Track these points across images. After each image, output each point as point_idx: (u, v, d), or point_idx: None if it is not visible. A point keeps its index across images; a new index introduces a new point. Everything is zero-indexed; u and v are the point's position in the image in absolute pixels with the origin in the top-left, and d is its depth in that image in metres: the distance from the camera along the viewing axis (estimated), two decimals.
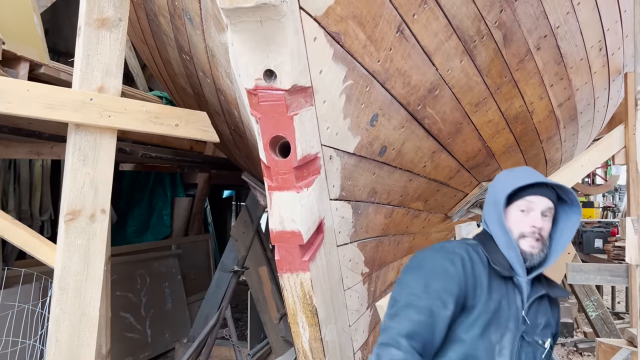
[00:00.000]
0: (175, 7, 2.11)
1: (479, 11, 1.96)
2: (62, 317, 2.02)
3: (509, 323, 1.67)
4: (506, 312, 1.68)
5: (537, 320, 1.73)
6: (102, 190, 2.12)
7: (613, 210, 12.42)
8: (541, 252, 1.71)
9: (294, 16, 1.44)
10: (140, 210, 7.03)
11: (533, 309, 1.73)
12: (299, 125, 1.62)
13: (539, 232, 1.69)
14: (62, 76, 3.49)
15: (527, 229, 1.70)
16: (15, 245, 2.06)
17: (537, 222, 1.69)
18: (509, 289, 1.71)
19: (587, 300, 5.03)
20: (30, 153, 3.73)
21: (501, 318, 1.67)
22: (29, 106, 1.91)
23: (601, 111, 3.73)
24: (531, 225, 1.69)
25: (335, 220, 1.98)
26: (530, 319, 1.71)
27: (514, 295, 1.71)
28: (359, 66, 1.73)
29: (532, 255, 1.70)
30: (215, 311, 5.15)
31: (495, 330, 1.66)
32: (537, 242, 1.69)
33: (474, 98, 2.32)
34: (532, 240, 1.69)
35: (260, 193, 3.56)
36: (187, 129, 2.30)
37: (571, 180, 3.12)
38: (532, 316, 1.72)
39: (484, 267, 1.71)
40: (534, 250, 1.70)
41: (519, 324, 1.68)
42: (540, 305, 1.76)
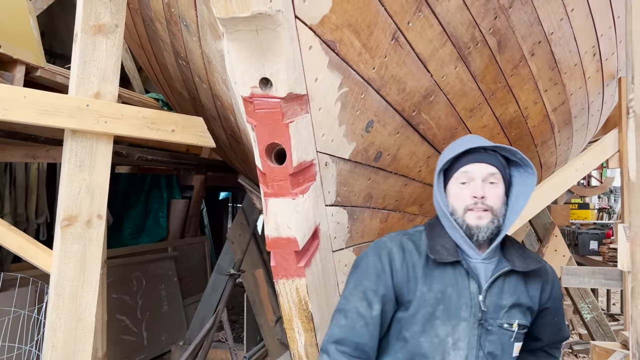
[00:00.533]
0: (172, 14, 2.12)
1: (473, 18, 1.97)
2: (58, 323, 2.02)
3: (460, 312, 1.54)
4: (456, 301, 1.54)
5: (500, 302, 1.56)
6: (98, 196, 2.13)
7: (608, 212, 12.47)
8: (491, 223, 1.55)
9: (289, 25, 1.45)
10: (136, 212, 7.01)
11: (495, 290, 1.57)
12: (295, 132, 1.63)
13: (483, 201, 1.55)
14: (58, 79, 3.49)
15: (470, 201, 1.56)
16: (11, 251, 2.06)
17: (477, 192, 1.55)
18: (458, 275, 1.57)
19: (582, 302, 5.06)
20: (26, 156, 3.73)
21: (450, 309, 1.54)
22: (26, 112, 1.91)
23: (595, 115, 3.76)
24: (472, 196, 1.55)
25: (331, 226, 1.99)
26: (491, 303, 1.55)
27: (465, 280, 1.56)
28: (354, 73, 1.75)
29: (480, 228, 1.55)
30: (211, 314, 5.15)
31: (443, 323, 1.53)
32: (484, 213, 1.55)
33: (469, 103, 2.33)
34: (477, 212, 1.55)
35: (257, 196, 3.57)
36: (183, 134, 2.31)
37: (566, 184, 3.15)
38: (493, 299, 1.56)
39: (419, 257, 1.60)
40: (482, 222, 1.55)
41: (475, 311, 1.54)
42: (507, 284, 1.58)
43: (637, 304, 2.20)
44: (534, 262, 1.62)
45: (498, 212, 1.57)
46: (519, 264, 1.58)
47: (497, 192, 1.58)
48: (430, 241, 1.61)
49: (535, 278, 1.64)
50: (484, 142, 1.63)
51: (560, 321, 1.77)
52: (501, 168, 1.61)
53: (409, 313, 1.57)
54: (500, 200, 1.59)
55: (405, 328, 1.57)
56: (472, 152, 1.61)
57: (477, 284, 1.55)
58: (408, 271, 1.58)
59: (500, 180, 1.60)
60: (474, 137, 1.72)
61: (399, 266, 1.58)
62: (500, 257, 1.62)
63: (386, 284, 1.57)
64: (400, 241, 1.65)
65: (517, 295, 1.59)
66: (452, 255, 1.56)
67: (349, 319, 1.54)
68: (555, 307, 1.72)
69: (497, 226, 1.56)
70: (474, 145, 1.60)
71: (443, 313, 1.54)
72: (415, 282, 1.57)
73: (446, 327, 1.53)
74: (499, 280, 1.57)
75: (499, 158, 1.62)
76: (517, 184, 1.66)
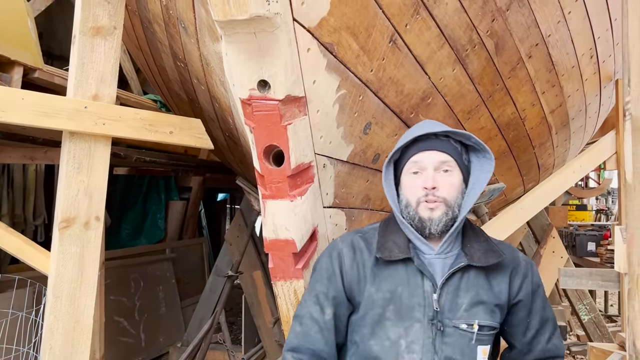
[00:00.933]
0: (170, 16, 2.12)
1: (470, 21, 1.98)
2: (56, 325, 2.02)
3: (413, 313, 1.43)
4: (407, 301, 1.44)
5: (457, 300, 1.43)
6: (96, 198, 2.13)
7: (606, 213, 12.51)
8: (445, 215, 1.45)
9: (287, 28, 1.45)
10: (134, 213, 7.01)
11: (451, 288, 1.44)
12: (293, 134, 1.63)
13: (434, 192, 1.45)
14: (56, 80, 3.49)
15: (421, 192, 1.46)
16: (9, 252, 2.06)
17: (427, 182, 1.45)
18: (410, 273, 1.46)
19: (579, 304, 5.07)
20: (24, 158, 3.72)
21: (401, 309, 1.44)
22: (24, 114, 1.91)
23: (593, 117, 3.77)
24: (422, 187, 1.46)
25: (329, 227, 2.00)
26: (447, 302, 1.43)
27: (418, 279, 1.45)
28: (352, 76, 1.75)
29: (432, 220, 1.45)
30: (209, 315, 5.15)
31: (394, 324, 1.44)
32: (436, 204, 1.45)
33: (467, 105, 2.34)
34: (430, 204, 1.45)
35: (255, 198, 3.57)
36: (181, 136, 2.31)
37: (564, 186, 3.15)
38: (449, 297, 1.44)
39: (370, 256, 1.52)
40: (434, 214, 1.45)
41: (428, 311, 1.42)
42: (465, 280, 1.46)
43: (633, 306, 2.21)
44: (495, 255, 1.46)
45: (452, 202, 1.47)
46: (477, 258, 1.45)
47: (451, 181, 1.48)
48: (381, 238, 1.53)
49: (500, 271, 1.50)
50: (436, 127, 1.52)
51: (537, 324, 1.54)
52: (455, 154, 1.50)
53: (359, 315, 1.50)
54: (455, 189, 1.48)
55: (355, 331, 1.51)
56: (422, 139, 1.50)
57: (431, 282, 1.44)
58: (358, 271, 1.51)
59: (454, 168, 1.49)
60: (427, 122, 1.60)
61: (349, 266, 1.52)
62: (460, 251, 1.50)
63: (337, 286, 1.51)
64: (351, 240, 1.58)
65: (476, 291, 1.45)
66: (402, 252, 1.47)
67: (303, 325, 1.50)
68: (528, 302, 1.53)
69: (452, 217, 1.46)
70: (423, 132, 1.49)
71: (394, 314, 1.44)
72: (364, 283, 1.49)
73: (398, 328, 1.43)
74: (456, 277, 1.45)
75: (452, 144, 1.51)
76: (475, 170, 1.55)
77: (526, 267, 1.56)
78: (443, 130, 1.51)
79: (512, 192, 3.91)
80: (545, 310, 1.56)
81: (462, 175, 1.52)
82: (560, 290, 6.54)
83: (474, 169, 1.56)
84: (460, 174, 1.51)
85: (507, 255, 1.51)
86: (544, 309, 1.56)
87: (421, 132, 1.50)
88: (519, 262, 1.56)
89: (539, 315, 1.54)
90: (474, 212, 3.73)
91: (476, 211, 3.70)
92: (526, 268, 1.55)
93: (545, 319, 1.56)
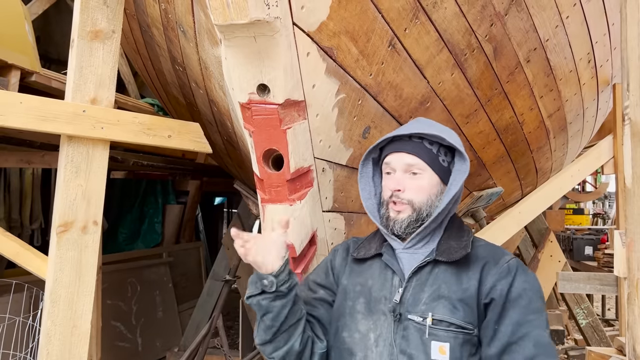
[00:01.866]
0: (169, 20, 2.12)
1: (469, 25, 1.98)
2: (53, 330, 2.01)
3: (380, 305, 1.44)
4: (376, 294, 1.46)
5: (420, 295, 1.41)
6: (94, 202, 2.12)
7: (603, 217, 12.53)
8: (409, 217, 1.46)
9: (287, 32, 1.45)
10: (132, 217, 7.00)
11: (418, 283, 1.43)
12: (292, 138, 1.63)
13: (399, 194, 1.46)
14: (53, 84, 3.48)
15: (388, 193, 1.50)
16: (6, 257, 2.05)
17: (391, 184, 1.48)
18: (383, 268, 1.50)
19: (577, 308, 5.07)
20: (20, 162, 3.71)
21: (370, 302, 1.46)
22: (22, 118, 1.90)
23: (590, 121, 3.78)
24: (388, 188, 1.50)
25: (328, 231, 1.99)
26: (411, 296, 1.42)
27: (389, 273, 1.48)
28: (351, 80, 1.75)
29: (396, 221, 1.47)
30: (206, 320, 5.13)
31: (364, 317, 1.45)
32: (402, 206, 1.47)
33: (465, 110, 2.34)
34: (395, 205, 1.48)
35: (253, 202, 3.57)
36: (179, 140, 2.31)
37: (562, 190, 3.15)
38: (415, 291, 1.42)
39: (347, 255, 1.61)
40: (399, 216, 1.47)
41: (392, 305, 1.42)
42: (433, 275, 1.43)
43: (633, 310, 2.21)
44: (461, 251, 1.42)
45: (419, 205, 1.47)
46: (446, 254, 1.43)
47: (418, 184, 1.47)
48: (365, 240, 1.62)
49: (471, 267, 1.43)
50: (412, 127, 1.51)
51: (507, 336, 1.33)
52: (427, 157, 1.48)
53: (334, 307, 1.55)
54: (423, 192, 1.47)
55: (332, 323, 1.53)
56: (396, 140, 1.51)
57: (399, 277, 1.46)
58: (345, 268, 1.59)
59: (424, 170, 1.48)
60: (412, 122, 1.59)
61: (338, 263, 1.61)
62: (434, 248, 1.48)
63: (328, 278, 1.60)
64: (348, 243, 1.67)
65: (438, 285, 1.41)
66: (376, 249, 1.53)
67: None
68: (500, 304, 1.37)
69: (417, 219, 1.46)
70: (396, 134, 1.50)
71: (364, 307, 1.46)
72: (343, 277, 1.57)
73: (368, 322, 1.44)
74: (424, 272, 1.44)
75: (425, 146, 1.49)
76: (455, 171, 1.53)
77: (509, 268, 1.41)
78: (416, 132, 1.49)
79: (509, 196, 3.91)
80: (523, 326, 1.33)
81: (436, 177, 1.50)
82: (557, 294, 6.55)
83: (454, 170, 1.53)
84: (432, 176, 1.49)
85: (481, 251, 1.47)
86: (523, 323, 1.33)
87: (395, 134, 1.51)
88: (499, 261, 1.44)
89: (512, 326, 1.33)
90: (472, 216, 3.73)
91: (474, 215, 3.70)
92: (508, 270, 1.41)
93: (522, 336, 1.32)
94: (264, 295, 1.42)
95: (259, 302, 1.44)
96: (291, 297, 1.44)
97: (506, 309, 1.36)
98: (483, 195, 3.28)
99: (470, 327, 1.37)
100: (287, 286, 1.42)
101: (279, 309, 1.42)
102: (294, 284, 1.45)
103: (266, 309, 1.43)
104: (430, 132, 1.48)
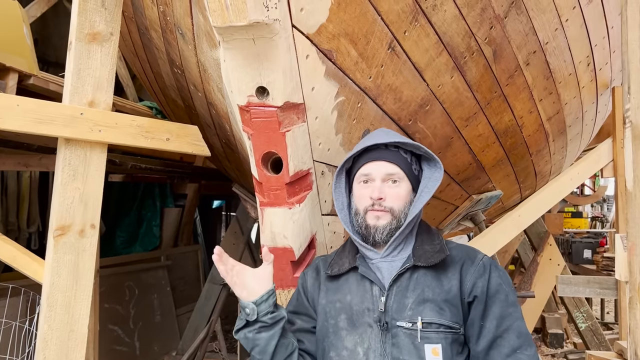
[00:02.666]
0: (167, 22, 2.11)
1: (469, 28, 1.98)
2: (50, 334, 1.99)
3: (364, 318, 1.45)
4: (358, 307, 1.47)
5: (404, 301, 1.43)
6: (91, 205, 2.10)
7: (601, 221, 12.53)
8: (390, 224, 1.49)
9: (286, 34, 1.44)
10: (129, 220, 6.96)
11: (399, 290, 1.45)
12: (291, 141, 1.62)
13: (381, 202, 1.49)
14: (51, 87, 3.47)
15: (368, 202, 1.51)
16: (3, 261, 2.03)
17: (374, 193, 1.49)
18: (359, 281, 1.51)
19: (576, 311, 5.06)
20: (18, 165, 3.69)
21: (353, 316, 1.47)
22: (19, 121, 1.89)
23: (589, 124, 3.78)
24: (369, 197, 1.50)
25: (327, 235, 1.98)
26: (395, 303, 1.44)
27: (367, 285, 1.49)
28: (350, 82, 1.74)
29: (377, 228, 1.49)
30: (204, 323, 5.12)
31: (349, 333, 1.46)
32: (383, 213, 1.49)
33: (465, 113, 2.33)
34: (376, 212, 1.50)
35: (251, 205, 3.56)
36: (178, 143, 2.29)
37: (561, 193, 3.15)
38: (397, 298, 1.44)
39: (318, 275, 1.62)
40: (380, 222, 1.49)
41: (378, 315, 1.44)
42: (413, 280, 1.46)
43: (635, 314, 2.20)
44: (439, 254, 1.47)
45: (398, 212, 1.50)
46: (424, 259, 1.46)
47: (398, 192, 1.51)
48: (336, 256, 1.62)
49: (449, 268, 1.48)
50: (387, 137, 1.55)
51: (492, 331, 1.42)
52: (404, 165, 1.53)
53: (317, 329, 1.55)
54: (402, 199, 1.52)
55: (318, 346, 1.54)
56: (372, 149, 1.54)
57: (379, 286, 1.47)
58: (318, 288, 1.59)
59: (402, 179, 1.53)
60: (380, 132, 1.62)
61: (310, 285, 1.61)
62: (410, 253, 1.51)
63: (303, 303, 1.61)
64: (316, 263, 1.67)
65: (422, 289, 1.44)
66: (349, 263, 1.54)
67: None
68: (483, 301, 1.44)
69: (396, 226, 1.50)
70: (373, 143, 1.53)
71: (347, 323, 1.47)
72: (318, 296, 1.58)
73: (353, 336, 1.45)
74: (404, 279, 1.47)
75: (401, 155, 1.54)
76: (425, 178, 1.59)
77: (484, 266, 1.48)
78: (393, 141, 1.53)
79: (509, 199, 3.90)
80: (506, 319, 1.42)
81: (410, 185, 1.55)
82: (557, 297, 6.54)
83: (424, 177, 1.59)
84: (408, 184, 1.55)
85: (455, 253, 1.52)
86: (505, 316, 1.43)
87: (371, 143, 1.53)
88: (475, 260, 1.50)
89: (496, 321, 1.42)
90: (471, 220, 3.72)
91: (473, 218, 3.70)
92: (484, 267, 1.48)
93: (505, 328, 1.42)
94: (249, 327, 1.45)
95: (245, 335, 1.46)
96: (277, 330, 1.45)
97: (488, 305, 1.44)
98: (482, 199, 3.27)
99: (457, 326, 1.42)
100: (270, 317, 1.44)
101: (266, 341, 1.43)
102: (281, 317, 1.47)
103: (253, 341, 1.45)
104: (405, 141, 1.53)
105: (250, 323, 1.45)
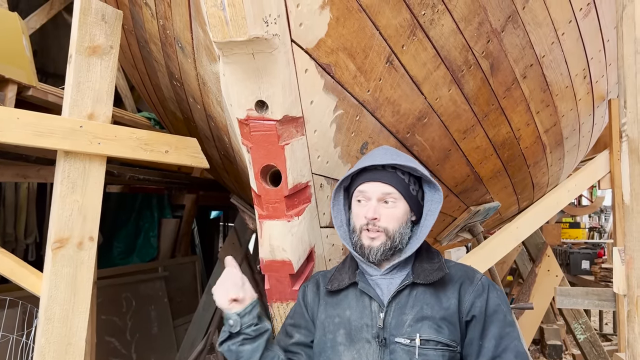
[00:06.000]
0: (167, 36, 2.13)
1: (466, 42, 1.99)
2: (47, 348, 1.98)
3: (362, 334, 1.46)
4: (357, 323, 1.48)
5: (403, 317, 1.44)
6: (90, 218, 2.11)
7: (599, 231, 12.55)
8: (384, 245, 1.50)
9: (285, 49, 1.46)
10: (127, 231, 6.94)
11: (398, 306, 1.47)
12: (290, 154, 1.63)
13: (375, 222, 1.50)
14: (50, 98, 3.47)
15: (363, 221, 1.52)
16: (1, 274, 2.02)
17: (368, 213, 1.50)
18: (359, 297, 1.52)
19: (575, 322, 5.04)
20: (16, 176, 3.69)
21: (352, 332, 1.47)
22: (19, 134, 1.89)
23: (586, 136, 3.79)
24: (364, 216, 1.52)
25: (326, 248, 1.98)
26: (393, 319, 1.45)
27: (366, 301, 1.51)
28: (349, 96, 1.75)
29: (371, 248, 1.50)
30: (202, 335, 5.09)
31: (347, 348, 1.46)
32: (377, 234, 1.50)
33: (462, 125, 2.35)
34: (371, 233, 1.51)
35: (249, 216, 3.55)
36: (177, 155, 2.30)
37: (559, 205, 3.16)
38: (396, 315, 1.45)
39: (318, 290, 1.63)
40: (374, 243, 1.50)
41: (376, 331, 1.45)
42: (412, 298, 1.47)
43: (633, 328, 2.19)
44: (438, 272, 1.49)
45: (393, 232, 1.51)
46: (424, 276, 1.48)
47: (393, 213, 1.52)
48: (336, 272, 1.63)
49: (448, 286, 1.50)
50: (385, 158, 1.56)
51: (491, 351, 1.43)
52: (400, 186, 1.54)
53: (315, 343, 1.55)
54: (397, 220, 1.52)
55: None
56: (370, 169, 1.56)
57: (378, 302, 1.48)
58: (318, 303, 1.60)
59: (398, 199, 1.53)
60: (380, 150, 1.62)
61: (311, 299, 1.62)
62: (410, 271, 1.53)
63: (303, 316, 1.61)
64: (316, 278, 1.68)
65: (420, 306, 1.45)
66: (349, 278, 1.55)
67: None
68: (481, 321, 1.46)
69: (391, 247, 1.50)
70: (370, 164, 1.54)
71: (345, 338, 1.48)
72: (317, 312, 1.59)
73: (351, 352, 1.46)
74: (403, 295, 1.48)
75: (398, 175, 1.55)
76: (427, 201, 1.60)
77: (483, 286, 1.51)
78: (390, 163, 1.54)
79: (506, 210, 3.91)
80: (504, 339, 1.44)
81: (407, 206, 1.56)
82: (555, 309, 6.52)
83: (426, 200, 1.61)
84: (405, 205, 1.55)
85: (454, 272, 1.54)
86: (504, 336, 1.44)
87: (368, 164, 1.54)
88: (474, 280, 1.52)
89: (494, 340, 1.43)
90: (470, 231, 3.72)
91: (472, 230, 3.70)
92: (483, 287, 1.50)
93: (504, 348, 1.43)
94: (232, 339, 1.47)
95: (229, 347, 1.48)
96: (261, 343, 1.47)
97: (487, 325, 1.46)
98: (480, 210, 3.28)
99: (454, 344, 1.43)
100: (253, 329, 1.47)
101: (249, 354, 1.45)
102: (265, 330, 1.50)
103: (236, 354, 1.46)
104: (403, 162, 1.54)
105: (233, 335, 1.47)
